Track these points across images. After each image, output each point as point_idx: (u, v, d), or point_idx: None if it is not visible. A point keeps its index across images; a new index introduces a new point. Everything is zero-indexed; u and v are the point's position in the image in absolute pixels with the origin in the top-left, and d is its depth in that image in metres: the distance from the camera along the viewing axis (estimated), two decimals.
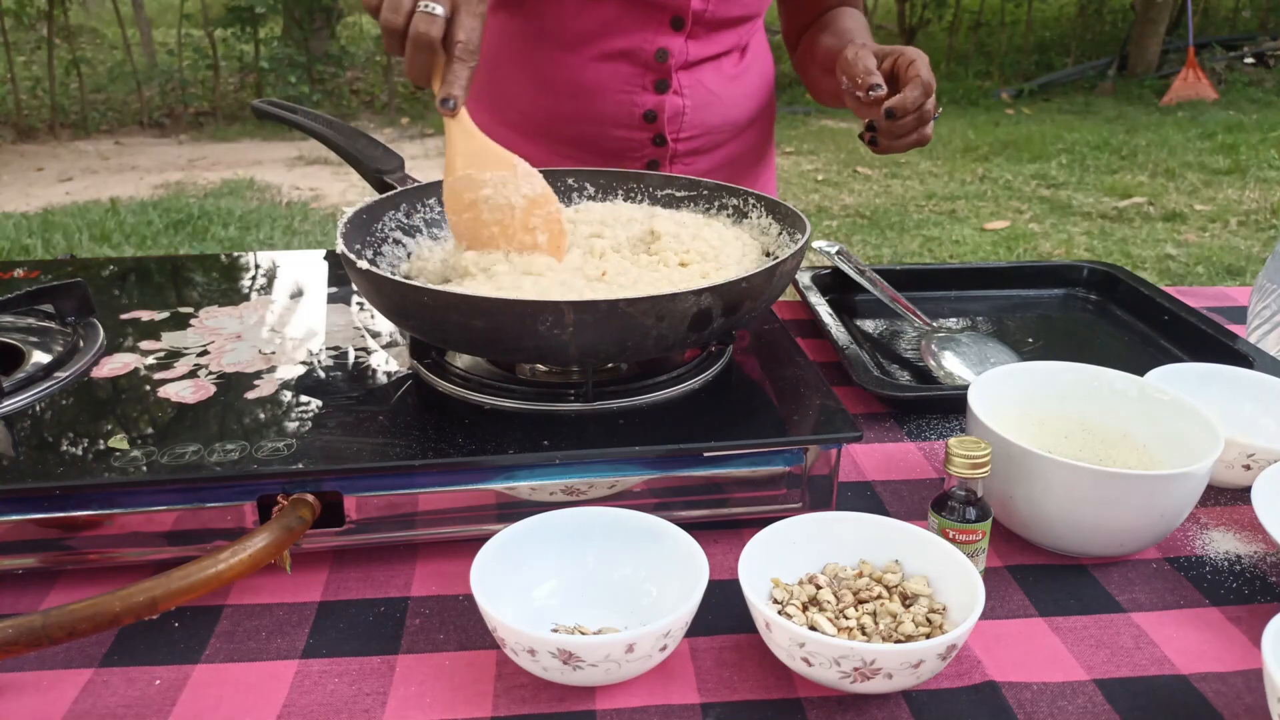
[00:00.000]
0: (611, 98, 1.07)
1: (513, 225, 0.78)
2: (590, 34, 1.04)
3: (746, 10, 1.09)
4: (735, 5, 1.07)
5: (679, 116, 1.09)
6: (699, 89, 1.09)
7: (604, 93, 1.07)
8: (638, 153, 1.11)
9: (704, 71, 1.09)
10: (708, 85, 1.10)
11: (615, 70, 1.06)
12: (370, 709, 0.58)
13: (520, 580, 0.64)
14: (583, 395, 0.74)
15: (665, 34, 1.05)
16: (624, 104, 1.08)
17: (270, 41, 7.09)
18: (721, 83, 1.11)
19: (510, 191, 0.78)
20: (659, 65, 1.06)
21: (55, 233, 3.92)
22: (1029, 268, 1.24)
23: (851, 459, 0.85)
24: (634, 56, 1.05)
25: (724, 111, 1.12)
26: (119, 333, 0.86)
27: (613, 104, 1.08)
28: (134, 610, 0.56)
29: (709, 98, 1.10)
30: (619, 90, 1.07)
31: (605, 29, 1.04)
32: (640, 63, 1.06)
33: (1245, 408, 0.86)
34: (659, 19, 1.04)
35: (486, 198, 0.78)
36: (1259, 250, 3.96)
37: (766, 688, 0.60)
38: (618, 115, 1.08)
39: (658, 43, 1.05)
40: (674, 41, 1.05)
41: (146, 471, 0.65)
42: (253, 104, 0.99)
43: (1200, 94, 6.76)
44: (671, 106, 1.08)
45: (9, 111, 6.17)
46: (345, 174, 5.06)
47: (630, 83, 1.07)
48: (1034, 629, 0.65)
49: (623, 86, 1.07)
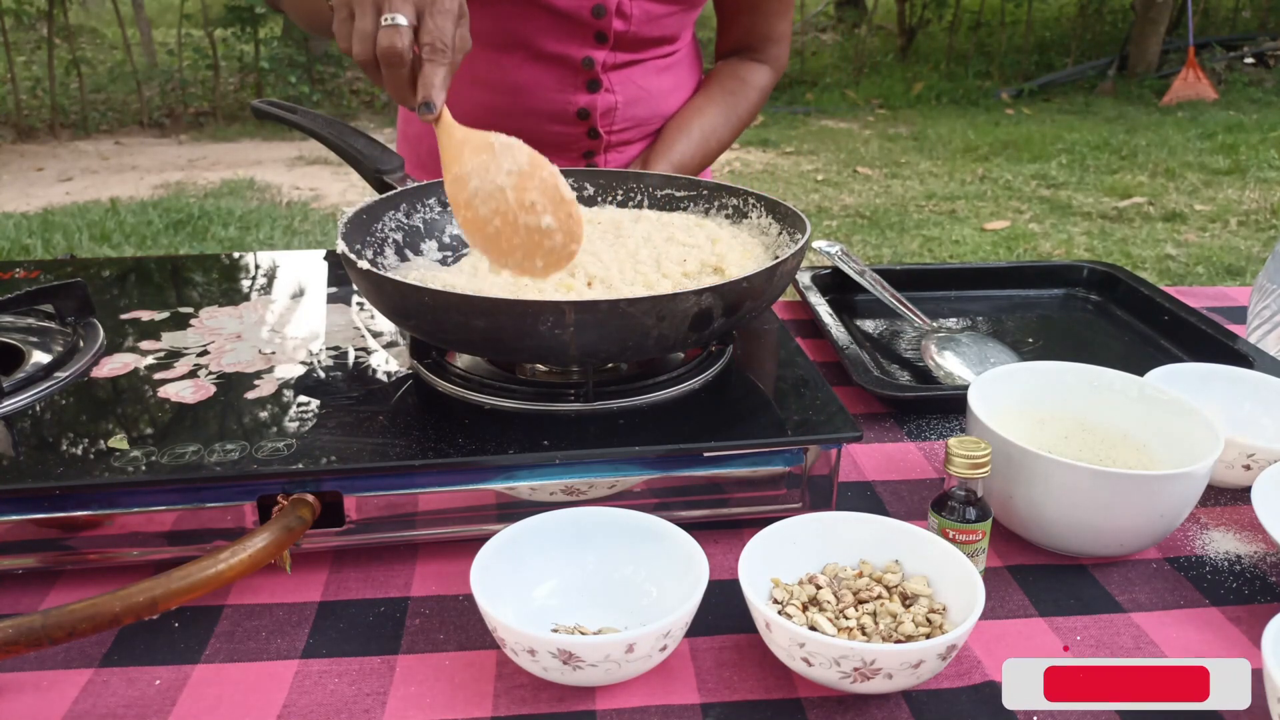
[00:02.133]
0: (545, 96, 1.10)
1: (509, 209, 0.72)
2: (520, 39, 1.07)
3: (667, 31, 1.12)
4: (656, 27, 1.10)
5: (611, 112, 1.12)
6: (629, 85, 1.12)
7: (538, 91, 1.09)
8: (574, 146, 1.14)
9: (633, 71, 1.12)
10: (637, 82, 1.13)
11: (547, 71, 1.09)
12: (370, 709, 0.58)
13: (520, 580, 0.64)
14: (583, 395, 0.74)
15: (591, 45, 1.08)
16: (557, 102, 1.10)
17: (270, 41, 7.09)
18: (650, 78, 1.14)
19: (494, 173, 0.71)
20: (587, 70, 1.09)
21: (55, 233, 3.92)
22: (1029, 268, 1.24)
23: (851, 459, 0.85)
24: (564, 61, 1.08)
25: (653, 105, 1.16)
26: (119, 333, 0.86)
27: (546, 102, 1.10)
28: (134, 610, 0.56)
29: (639, 94, 1.14)
30: (551, 89, 1.09)
31: (534, 36, 1.06)
32: (569, 67, 1.08)
33: (1245, 408, 0.86)
34: (584, 33, 1.07)
35: (475, 190, 0.72)
36: (1259, 250, 3.96)
37: (766, 688, 0.60)
38: (552, 112, 1.11)
39: (584, 52, 1.08)
40: (599, 53, 1.08)
41: (146, 471, 0.65)
42: (252, 104, 0.99)
43: (1200, 94, 6.76)
44: (604, 103, 1.11)
45: (9, 111, 6.18)
46: (345, 174, 5.06)
47: (562, 83, 1.09)
48: (1034, 629, 0.65)
49: (555, 86, 1.09)
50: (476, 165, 0.72)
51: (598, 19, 1.05)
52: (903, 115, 6.83)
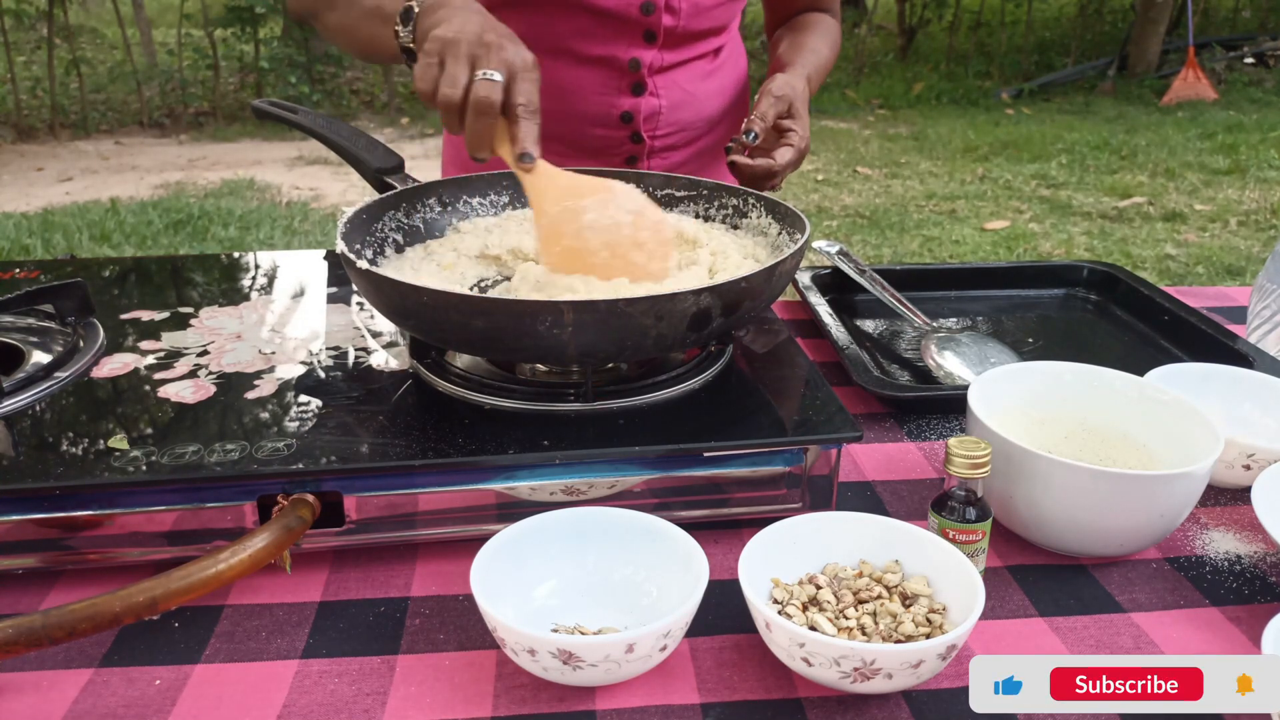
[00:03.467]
0: (589, 99, 1.09)
1: (622, 244, 0.78)
2: (565, 42, 1.06)
3: (716, 22, 1.11)
4: (705, 18, 1.09)
5: (655, 116, 1.12)
6: (674, 89, 1.12)
7: (582, 94, 1.09)
8: (617, 150, 1.13)
9: (678, 73, 1.12)
10: (682, 85, 1.12)
11: (592, 74, 1.08)
12: (370, 709, 0.58)
13: (520, 580, 0.64)
14: (583, 395, 0.74)
15: (638, 46, 1.07)
16: (601, 105, 1.10)
17: (270, 41, 7.08)
18: (695, 82, 1.14)
19: (614, 211, 0.79)
20: (633, 73, 1.08)
21: (55, 233, 3.92)
22: (1029, 268, 1.24)
23: (851, 459, 0.85)
24: (609, 64, 1.08)
25: (698, 109, 1.15)
26: (119, 333, 0.86)
27: (591, 105, 1.10)
28: (134, 610, 0.56)
29: (684, 97, 1.13)
30: (596, 93, 1.09)
31: (579, 37, 1.06)
32: (616, 69, 1.08)
33: (1245, 408, 0.86)
34: (631, 33, 1.06)
35: (591, 222, 0.78)
36: (1259, 250, 3.96)
37: (766, 688, 0.60)
38: (596, 115, 1.10)
39: (631, 53, 1.07)
40: (646, 53, 1.08)
41: (146, 471, 0.65)
42: (252, 104, 0.99)
43: (1200, 94, 6.76)
44: (648, 107, 1.11)
45: (9, 111, 6.17)
46: (345, 174, 5.06)
47: (606, 86, 1.09)
48: (1034, 629, 0.65)
49: (600, 90, 1.09)
50: (596, 201, 0.79)
51: (647, 16, 1.04)
52: (903, 115, 6.83)
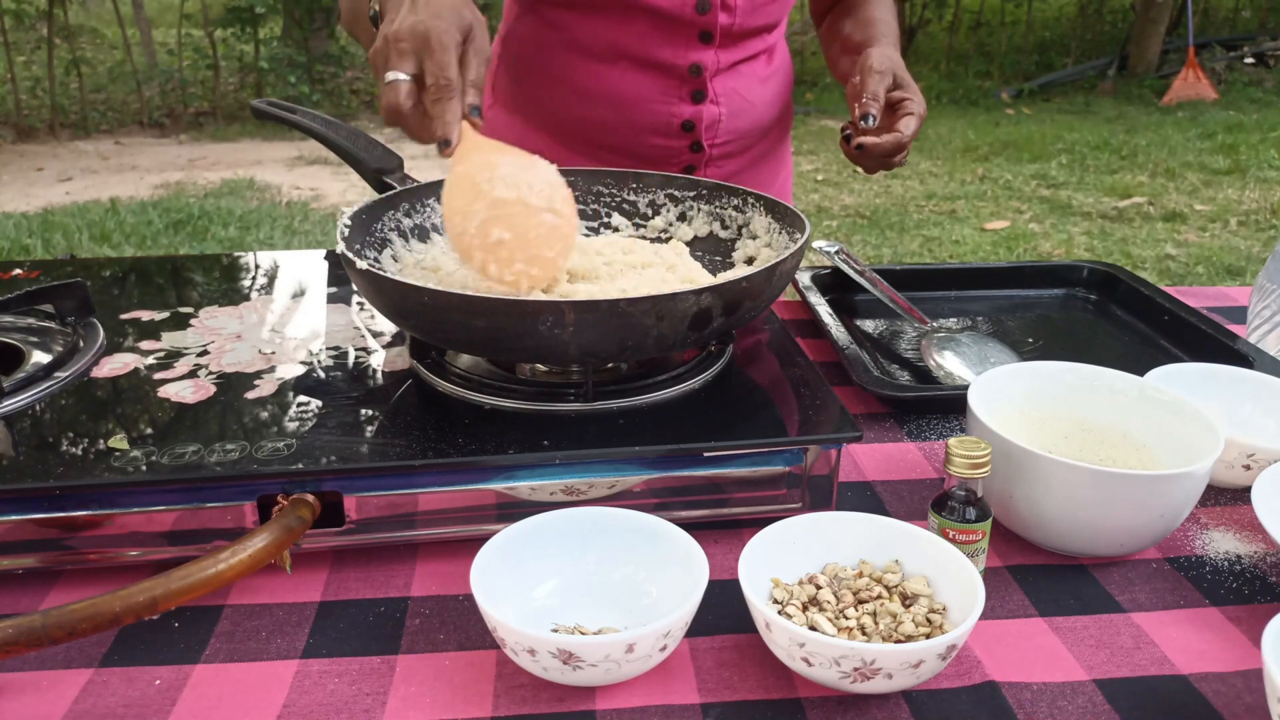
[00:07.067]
0: (649, 108, 1.09)
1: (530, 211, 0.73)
2: (623, 48, 1.06)
3: (770, 18, 1.11)
4: (760, 14, 1.09)
5: (715, 124, 1.11)
6: (734, 97, 1.11)
7: (642, 103, 1.09)
8: (676, 159, 1.13)
9: (737, 79, 1.11)
10: (741, 93, 1.12)
11: (651, 82, 1.08)
12: (370, 709, 0.58)
13: (520, 580, 0.64)
14: (583, 395, 0.74)
15: (696, 48, 1.06)
16: (661, 114, 1.09)
17: (270, 41, 7.09)
18: (753, 88, 1.13)
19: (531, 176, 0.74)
20: (694, 79, 1.08)
21: (55, 233, 3.92)
22: (1029, 268, 1.24)
23: (851, 459, 0.85)
24: (669, 70, 1.07)
25: (755, 117, 1.15)
26: (119, 333, 0.86)
27: (650, 114, 1.09)
28: (134, 610, 0.56)
29: (743, 105, 1.13)
30: (656, 101, 1.08)
31: (637, 43, 1.05)
32: (676, 75, 1.07)
33: (1245, 408, 0.86)
34: (688, 33, 1.05)
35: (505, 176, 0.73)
36: (1259, 250, 3.96)
37: (766, 688, 0.60)
38: (656, 124, 1.10)
39: (690, 57, 1.07)
40: (705, 55, 1.07)
41: (146, 471, 0.65)
42: (252, 104, 0.99)
43: (1200, 94, 6.76)
44: (709, 115, 1.10)
45: (9, 111, 6.17)
46: (345, 174, 5.06)
47: (667, 94, 1.08)
48: (1034, 629, 0.65)
49: (659, 98, 1.08)
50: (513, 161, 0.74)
51: (702, 14, 1.04)
52: None
